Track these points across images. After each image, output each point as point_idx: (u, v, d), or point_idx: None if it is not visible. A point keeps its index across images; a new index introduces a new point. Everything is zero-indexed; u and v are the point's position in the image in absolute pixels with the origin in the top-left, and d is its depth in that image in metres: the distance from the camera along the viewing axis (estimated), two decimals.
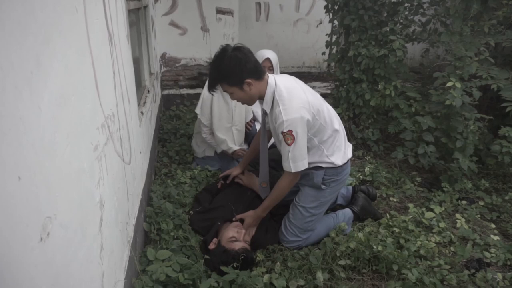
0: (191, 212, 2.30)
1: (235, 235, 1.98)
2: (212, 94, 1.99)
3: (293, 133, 1.81)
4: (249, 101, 1.96)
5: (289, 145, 1.83)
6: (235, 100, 1.97)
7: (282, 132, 1.82)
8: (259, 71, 1.87)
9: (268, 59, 2.81)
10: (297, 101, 1.83)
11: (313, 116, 1.87)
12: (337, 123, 2.07)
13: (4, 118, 0.62)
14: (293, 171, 1.90)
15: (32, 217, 0.72)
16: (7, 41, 0.64)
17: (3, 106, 0.62)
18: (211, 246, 1.99)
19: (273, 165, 2.42)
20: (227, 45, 1.86)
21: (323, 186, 2.08)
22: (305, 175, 2.07)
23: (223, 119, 2.79)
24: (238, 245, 1.93)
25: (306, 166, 1.92)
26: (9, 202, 0.64)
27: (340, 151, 2.07)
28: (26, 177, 0.69)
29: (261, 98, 1.92)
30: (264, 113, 2.01)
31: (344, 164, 2.08)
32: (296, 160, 1.88)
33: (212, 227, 2.13)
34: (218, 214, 2.21)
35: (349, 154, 2.14)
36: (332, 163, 2.03)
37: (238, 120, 2.88)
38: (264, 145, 2.14)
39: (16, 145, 0.66)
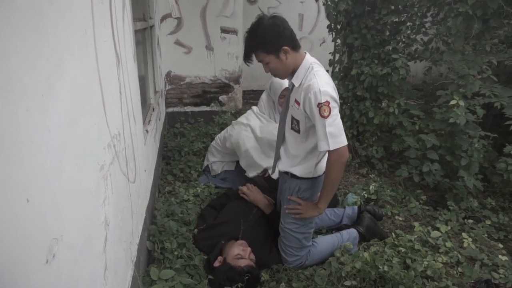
0: (195, 230, 2.28)
1: (241, 253, 1.96)
2: (247, 65, 1.93)
3: (331, 104, 1.69)
4: (283, 73, 1.87)
5: (325, 117, 1.69)
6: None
7: (319, 104, 1.69)
8: (295, 41, 1.82)
9: (287, 89, 2.80)
10: (330, 80, 1.80)
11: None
12: None
13: (15, 141, 0.63)
14: (331, 148, 1.72)
15: (39, 239, 0.72)
16: (21, 65, 0.66)
17: (14, 129, 0.63)
18: (216, 263, 1.97)
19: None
20: (264, 14, 1.84)
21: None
22: (281, 190, 2.07)
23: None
24: (243, 262, 1.91)
25: (346, 142, 1.75)
26: (17, 224, 0.64)
27: (324, 160, 1.98)
28: (34, 199, 0.69)
29: (294, 71, 1.85)
30: (292, 88, 1.93)
31: (319, 176, 2.00)
32: (335, 135, 1.71)
33: (216, 245, 2.11)
34: (223, 231, 2.19)
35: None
36: (311, 172, 1.95)
37: None
38: (283, 121, 2.05)
39: (26, 167, 0.67)
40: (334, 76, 3.68)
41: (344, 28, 3.49)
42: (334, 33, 3.64)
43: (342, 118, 3.43)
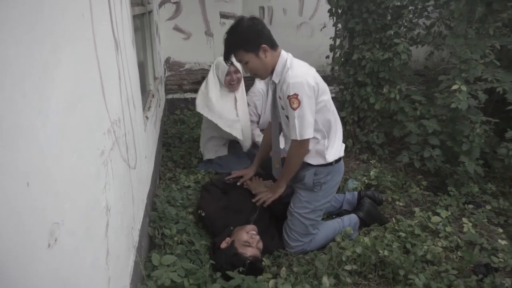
0: (201, 210, 2.24)
1: (249, 240, 1.96)
2: (227, 65, 2.03)
3: (299, 97, 1.79)
4: (263, 71, 1.95)
5: (294, 109, 1.81)
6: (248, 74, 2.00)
7: (288, 96, 1.81)
8: (273, 40, 1.92)
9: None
10: (305, 69, 1.89)
11: (318, 90, 1.88)
12: (338, 118, 2.10)
13: (14, 127, 0.63)
14: (298, 138, 1.87)
15: (40, 223, 0.72)
16: (18, 49, 0.64)
17: (13, 114, 0.62)
18: (223, 245, 1.97)
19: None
20: (243, 16, 1.93)
21: (315, 189, 2.07)
22: (297, 175, 2.10)
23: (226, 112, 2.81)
24: (250, 251, 1.91)
25: (311, 135, 1.89)
26: (18, 208, 0.64)
27: (334, 147, 2.05)
28: (34, 183, 0.69)
29: (273, 70, 1.94)
30: (275, 87, 2.00)
31: (336, 162, 2.06)
32: (302, 127, 1.85)
33: (224, 229, 2.11)
34: (234, 219, 2.18)
35: (342, 153, 2.12)
36: (325, 157, 2.01)
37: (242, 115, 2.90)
38: (275, 125, 2.13)
39: (25, 152, 0.66)
40: (335, 61, 3.65)
41: (345, 13, 3.44)
42: (335, 18, 3.59)
43: (343, 103, 3.50)
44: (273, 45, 1.91)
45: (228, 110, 2.83)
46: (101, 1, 1.27)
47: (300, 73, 1.83)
